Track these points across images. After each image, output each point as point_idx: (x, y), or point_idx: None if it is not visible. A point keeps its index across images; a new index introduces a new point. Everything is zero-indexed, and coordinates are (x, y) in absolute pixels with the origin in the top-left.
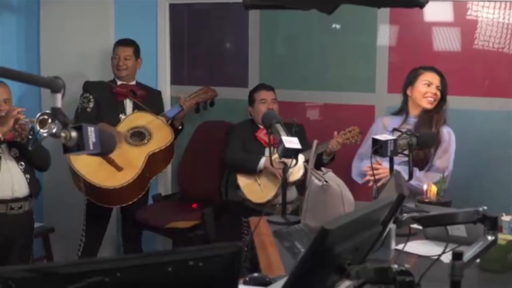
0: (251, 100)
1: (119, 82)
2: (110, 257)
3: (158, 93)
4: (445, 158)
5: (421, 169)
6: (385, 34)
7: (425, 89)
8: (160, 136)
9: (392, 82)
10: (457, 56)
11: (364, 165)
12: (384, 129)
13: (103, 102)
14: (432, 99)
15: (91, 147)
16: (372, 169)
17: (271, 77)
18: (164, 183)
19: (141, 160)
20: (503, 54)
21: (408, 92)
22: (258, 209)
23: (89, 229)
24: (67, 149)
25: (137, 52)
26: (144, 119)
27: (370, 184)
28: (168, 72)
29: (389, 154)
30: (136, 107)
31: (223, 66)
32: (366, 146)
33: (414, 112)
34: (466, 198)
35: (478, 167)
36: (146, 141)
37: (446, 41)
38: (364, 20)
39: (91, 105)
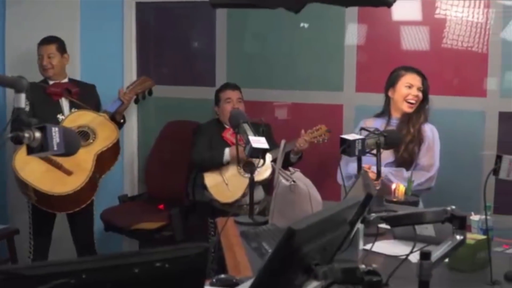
0: (217, 100)
1: (51, 82)
2: (76, 258)
3: (93, 87)
4: (429, 155)
5: (407, 169)
6: (353, 33)
7: (406, 91)
8: (105, 133)
9: (360, 81)
10: (425, 55)
11: (351, 168)
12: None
13: (38, 103)
14: (413, 101)
15: (55, 148)
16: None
17: (238, 76)
18: (130, 183)
19: (90, 161)
20: (472, 53)
21: (390, 93)
22: (225, 210)
23: (36, 232)
24: (30, 150)
25: (61, 48)
26: (85, 117)
27: None
28: (134, 71)
29: (356, 153)
30: (73, 106)
31: (190, 65)
32: None
33: (396, 114)
34: (434, 198)
35: (447, 167)
36: (91, 141)
37: (414, 40)
38: (332, 19)
39: (27, 108)
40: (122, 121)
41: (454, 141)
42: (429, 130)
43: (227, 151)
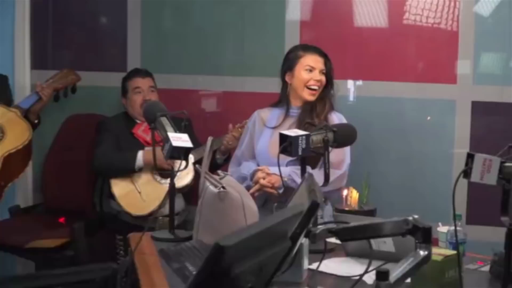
0: (124, 90)
1: None
2: None
3: (4, 78)
4: (339, 150)
5: (313, 167)
6: (296, 7)
7: (307, 76)
8: (15, 132)
9: None
10: (383, 33)
11: (245, 168)
12: (262, 125)
13: None
14: (316, 87)
15: None
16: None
17: (155, 59)
18: (23, 192)
19: None
20: (440, 30)
21: (287, 79)
22: (138, 224)
23: None
24: None
25: None
26: None
27: (256, 194)
28: (27, 54)
29: (300, 153)
30: None
31: (96, 46)
32: (243, 147)
33: (296, 102)
34: (394, 205)
35: (410, 167)
36: None
37: (370, 15)
38: None
39: None
40: (36, 121)
41: (417, 136)
42: (337, 120)
43: (140, 154)
